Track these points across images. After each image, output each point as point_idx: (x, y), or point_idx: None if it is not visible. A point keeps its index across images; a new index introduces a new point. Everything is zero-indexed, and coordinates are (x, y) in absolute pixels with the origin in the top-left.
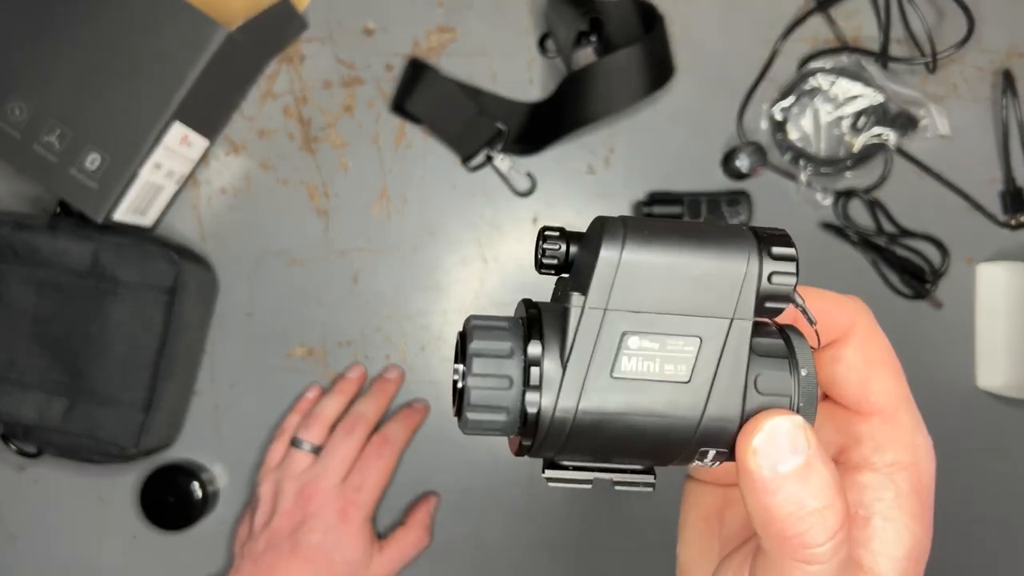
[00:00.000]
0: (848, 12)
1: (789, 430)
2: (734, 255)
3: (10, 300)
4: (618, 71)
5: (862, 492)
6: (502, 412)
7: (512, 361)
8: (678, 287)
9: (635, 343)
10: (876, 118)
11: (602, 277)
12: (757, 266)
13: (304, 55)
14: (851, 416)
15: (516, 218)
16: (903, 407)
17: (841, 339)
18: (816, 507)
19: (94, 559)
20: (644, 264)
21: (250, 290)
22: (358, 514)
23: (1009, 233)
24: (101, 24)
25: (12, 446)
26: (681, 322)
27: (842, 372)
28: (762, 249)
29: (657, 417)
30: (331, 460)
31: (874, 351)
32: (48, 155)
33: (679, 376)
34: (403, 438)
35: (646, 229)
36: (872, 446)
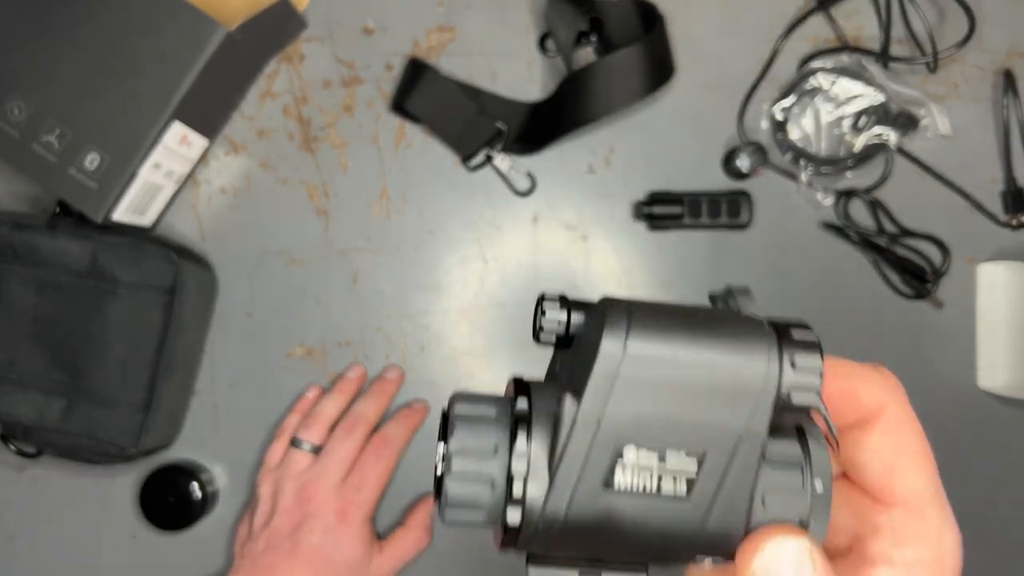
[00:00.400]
0: (849, 11)
1: (794, 555)
2: (750, 361)
3: (10, 300)
4: (618, 71)
5: None
6: (482, 512)
7: (495, 462)
8: (684, 394)
9: (631, 457)
10: (877, 118)
11: (599, 381)
12: (776, 377)
13: (304, 55)
14: (871, 504)
15: (516, 218)
16: (932, 500)
17: (868, 420)
18: None
19: (94, 559)
20: (648, 366)
21: (250, 290)
22: (358, 514)
23: (1010, 233)
24: (100, 24)
25: (11, 446)
26: (685, 434)
27: (866, 458)
28: (783, 355)
29: (651, 534)
30: (331, 460)
31: (903, 438)
32: (47, 155)
33: (678, 492)
34: (403, 438)
35: (653, 322)
36: (892, 540)
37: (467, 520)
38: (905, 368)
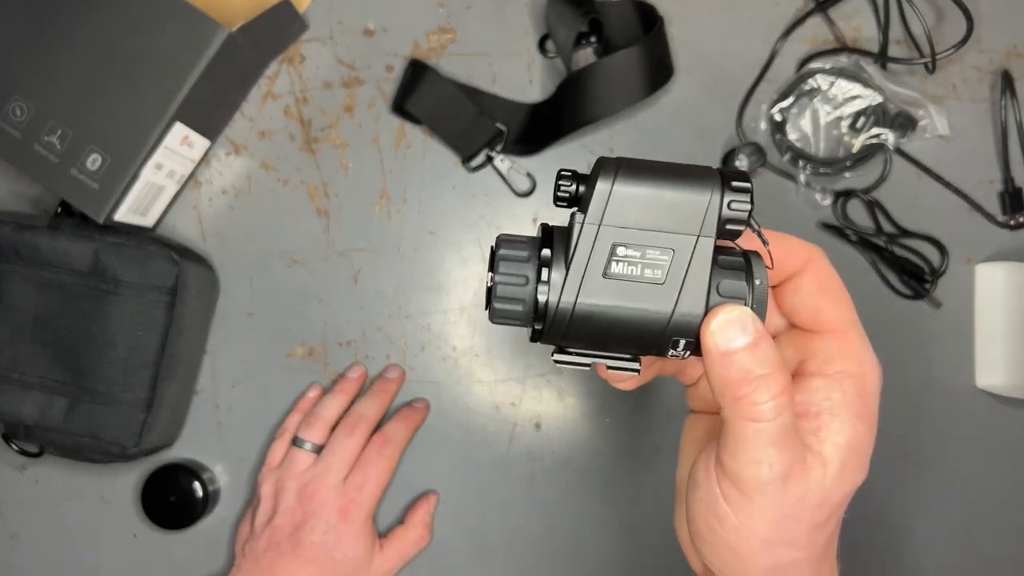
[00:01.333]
0: (847, 13)
1: (740, 317)
2: (701, 187)
3: (12, 300)
4: (618, 72)
5: (814, 394)
6: (520, 303)
7: (529, 264)
8: (657, 210)
9: (622, 251)
10: (875, 118)
11: (598, 201)
12: (719, 196)
13: (305, 56)
14: (808, 336)
15: (516, 218)
16: (851, 328)
17: (799, 272)
18: (761, 374)
19: (95, 558)
20: (630, 192)
21: (251, 290)
22: (359, 513)
23: (1008, 233)
24: (102, 25)
25: (13, 446)
26: (658, 237)
27: (800, 298)
28: (724, 183)
29: (638, 310)
30: (332, 459)
31: (826, 281)
32: (49, 155)
33: (656, 279)
34: (404, 437)
35: (634, 166)
36: (824, 358)
37: (509, 311)
38: (904, 368)
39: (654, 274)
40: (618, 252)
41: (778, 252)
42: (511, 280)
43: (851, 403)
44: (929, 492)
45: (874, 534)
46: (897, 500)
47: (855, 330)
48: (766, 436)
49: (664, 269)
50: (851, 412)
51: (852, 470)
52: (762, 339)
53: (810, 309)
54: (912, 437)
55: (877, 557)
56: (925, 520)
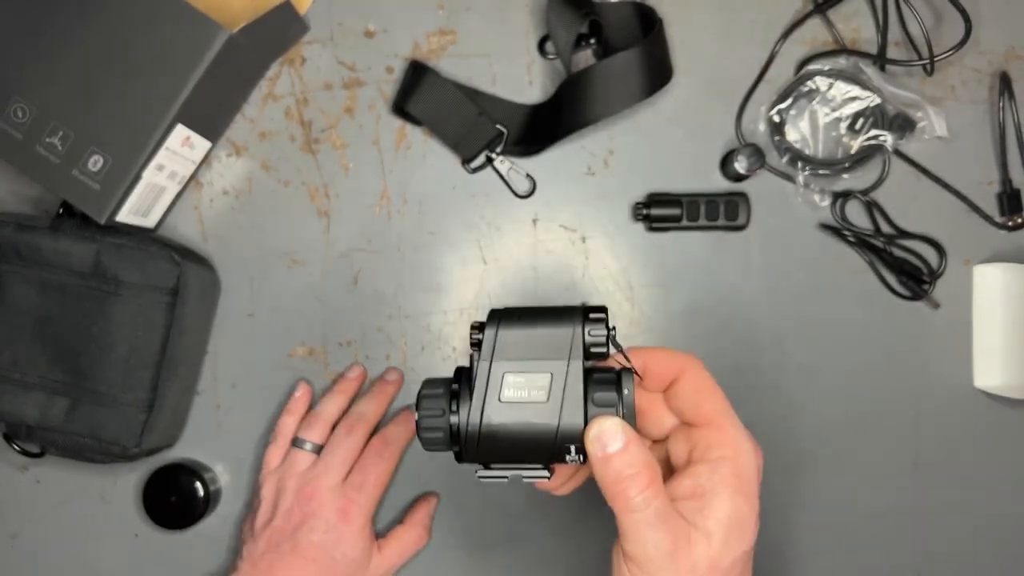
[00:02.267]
0: (846, 14)
1: (612, 425)
2: (566, 321)
3: (13, 301)
4: (617, 73)
5: (698, 477)
6: (439, 431)
7: (442, 399)
8: (534, 344)
9: (511, 378)
10: (874, 120)
11: (488, 342)
12: (581, 327)
13: (305, 57)
14: (692, 430)
15: (516, 219)
16: (725, 418)
17: (679, 377)
18: (630, 473)
19: (96, 558)
20: (512, 333)
21: (252, 291)
22: (359, 513)
23: (1006, 234)
24: (103, 26)
25: (15, 446)
26: (538, 364)
27: (681, 400)
28: (584, 316)
29: (530, 424)
30: (332, 459)
31: (700, 383)
32: (51, 156)
33: (540, 398)
34: (403, 439)
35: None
36: (705, 446)
37: (433, 439)
38: (902, 368)
39: (538, 395)
40: (507, 379)
41: (657, 364)
42: (430, 414)
43: (729, 482)
44: (927, 492)
45: (873, 534)
46: (896, 500)
47: (729, 420)
48: (644, 522)
49: (546, 390)
50: (730, 489)
51: (735, 539)
52: (631, 443)
53: (690, 407)
54: (910, 437)
55: (876, 556)
56: (924, 520)
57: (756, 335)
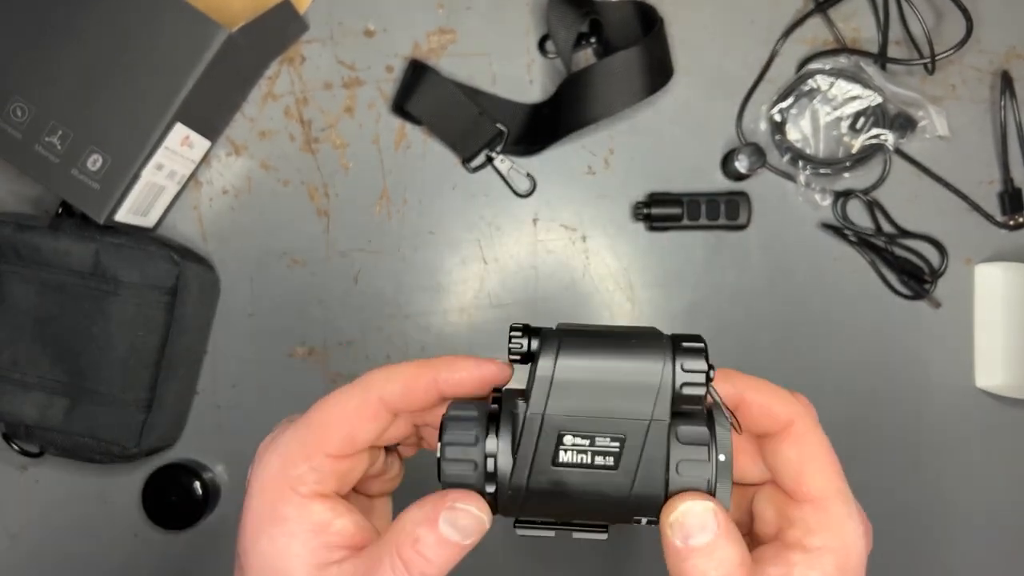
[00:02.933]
0: (847, 13)
1: (701, 512)
2: (650, 366)
3: (12, 300)
4: (618, 72)
5: (791, 568)
6: (470, 487)
7: (476, 448)
8: (603, 395)
9: (569, 440)
10: (875, 119)
11: (539, 388)
12: (671, 376)
13: (305, 56)
14: (788, 501)
15: (516, 219)
16: (835, 498)
17: (781, 433)
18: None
19: (96, 558)
20: (574, 375)
21: (251, 290)
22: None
23: (1007, 234)
24: (102, 25)
25: (14, 446)
26: (607, 423)
27: (781, 463)
28: (675, 359)
29: (593, 495)
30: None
31: (809, 448)
32: (50, 156)
33: (608, 464)
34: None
35: (577, 343)
36: (804, 529)
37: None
38: (903, 368)
39: (605, 461)
40: (565, 441)
41: (755, 409)
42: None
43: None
44: (928, 492)
45: (873, 534)
46: (896, 500)
47: (840, 499)
48: None
49: (616, 456)
50: None
51: None
52: (722, 537)
53: (791, 477)
54: (911, 437)
55: (877, 556)
56: (924, 520)
57: (757, 335)
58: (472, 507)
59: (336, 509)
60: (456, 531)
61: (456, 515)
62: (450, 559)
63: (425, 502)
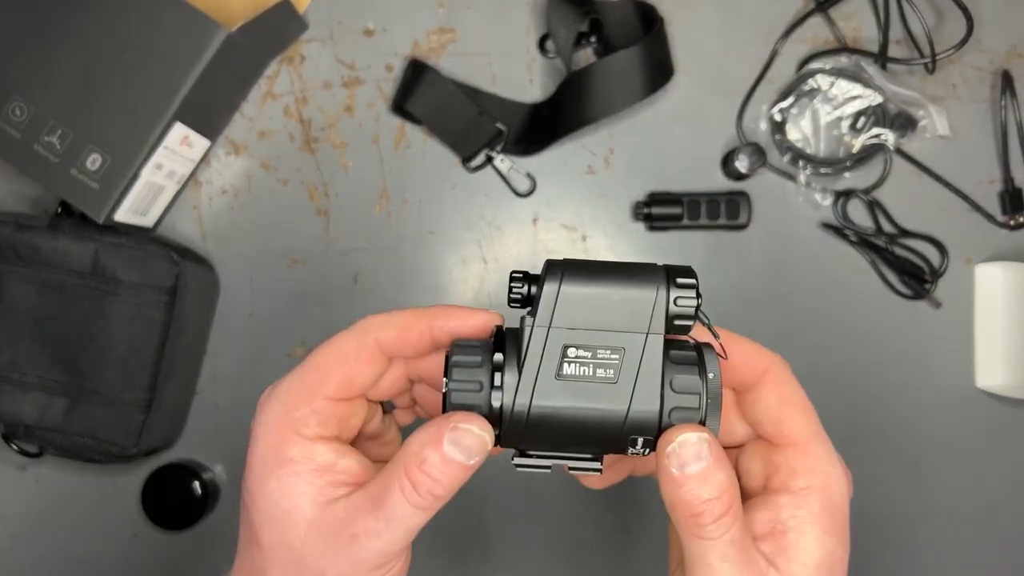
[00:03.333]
0: (847, 13)
1: (695, 442)
2: (647, 284)
3: (11, 300)
4: (618, 72)
5: (779, 511)
6: (475, 409)
7: (482, 369)
8: (604, 310)
9: (573, 352)
10: (875, 119)
11: (546, 304)
12: (665, 293)
13: (304, 56)
14: (772, 448)
15: (516, 218)
16: (814, 440)
17: (759, 383)
18: (708, 497)
19: (95, 558)
20: (577, 293)
21: (251, 290)
22: None
23: (1008, 233)
24: (102, 24)
25: (13, 446)
26: (608, 336)
27: (761, 410)
28: (669, 279)
29: (593, 410)
30: None
31: (786, 393)
32: (49, 155)
33: (609, 378)
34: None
35: (580, 268)
36: (787, 472)
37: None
38: (903, 368)
39: (606, 373)
40: (569, 353)
41: (736, 359)
42: (465, 387)
43: (818, 519)
44: (929, 492)
45: (873, 534)
46: (896, 500)
47: (818, 441)
48: (717, 552)
49: (616, 368)
50: (819, 528)
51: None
52: (714, 464)
53: (772, 421)
54: (911, 437)
55: (876, 557)
56: (924, 520)
57: (757, 334)
58: (474, 427)
59: (340, 450)
60: (460, 450)
61: (459, 435)
62: (456, 478)
63: (430, 425)
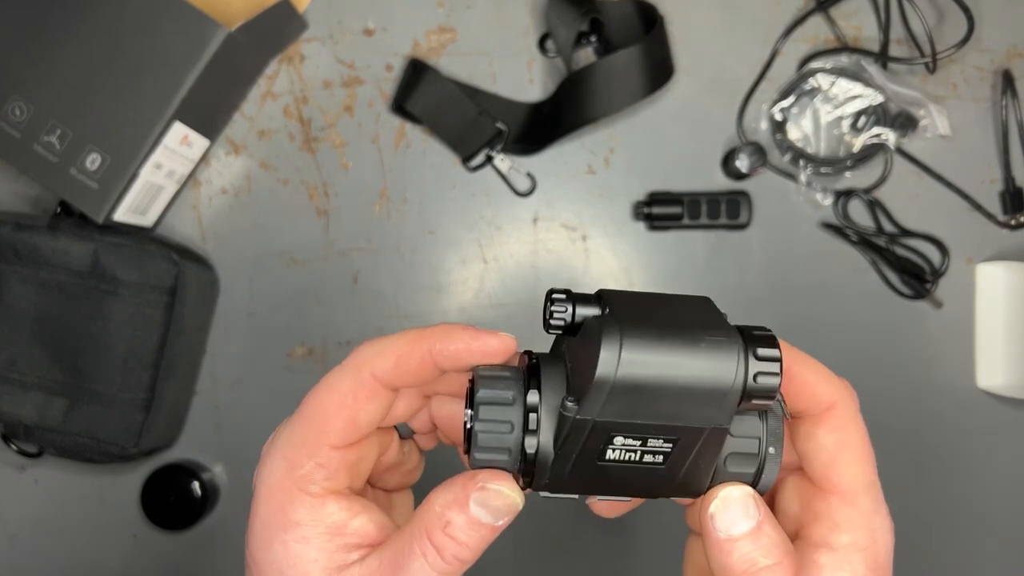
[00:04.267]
0: (848, 12)
1: (741, 499)
2: (722, 369)
3: (11, 300)
4: (618, 71)
5: (819, 571)
6: (505, 452)
7: (514, 408)
8: (665, 397)
9: (619, 441)
10: (876, 118)
11: (596, 393)
12: (742, 383)
13: (304, 55)
14: (815, 492)
15: (516, 218)
16: (865, 491)
17: (819, 417)
18: (766, 564)
19: (95, 559)
20: (636, 381)
21: (251, 290)
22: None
23: (1009, 233)
24: (101, 24)
25: (13, 446)
26: (663, 427)
27: (813, 448)
28: (748, 364)
29: (633, 485)
30: None
31: (847, 436)
32: (48, 155)
33: (656, 463)
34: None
35: (640, 336)
36: (830, 526)
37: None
38: (904, 368)
39: (654, 459)
40: (615, 442)
41: (799, 387)
42: (494, 428)
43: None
44: (929, 492)
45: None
46: (897, 500)
47: (870, 493)
48: None
49: (666, 454)
50: None
51: None
52: (765, 523)
53: (823, 464)
54: (913, 437)
55: None
56: (925, 520)
57: None
58: (504, 487)
59: (352, 508)
60: (488, 512)
61: (487, 496)
62: (483, 541)
63: (454, 483)
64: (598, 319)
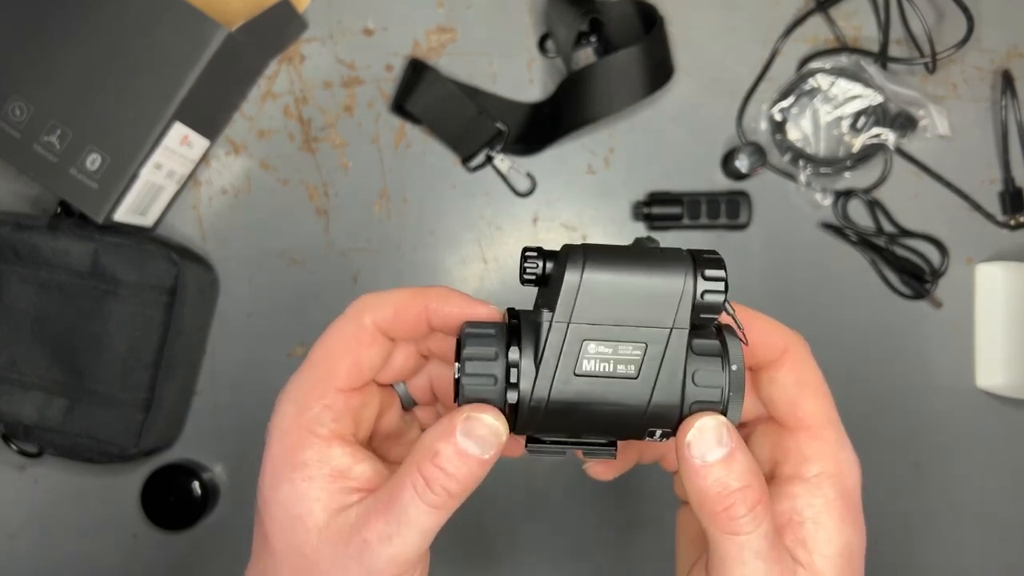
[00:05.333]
0: (847, 12)
1: (715, 427)
2: (673, 276)
3: (11, 300)
4: (618, 71)
5: (794, 500)
6: (491, 380)
7: (497, 363)
8: (627, 304)
9: (592, 348)
10: (876, 118)
11: (566, 298)
12: (692, 285)
13: (304, 55)
14: (783, 432)
15: (516, 218)
16: (828, 425)
17: (777, 362)
18: (737, 487)
19: (94, 559)
20: (599, 286)
21: (251, 290)
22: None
23: (1008, 233)
24: (101, 24)
25: (13, 446)
26: (630, 331)
27: (776, 391)
28: (696, 271)
29: (611, 406)
30: None
31: (804, 375)
32: (48, 155)
33: (629, 373)
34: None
35: (602, 256)
36: (799, 459)
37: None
38: (904, 368)
39: (627, 369)
40: (589, 349)
41: (755, 337)
42: (479, 381)
43: (834, 507)
44: (929, 492)
45: (873, 534)
46: (897, 500)
47: (832, 427)
48: (751, 549)
49: (637, 364)
50: (836, 517)
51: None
52: (737, 450)
53: (786, 403)
54: (912, 437)
55: (876, 557)
56: (925, 521)
57: None
58: (488, 416)
59: (356, 455)
60: (473, 442)
61: (472, 425)
62: (471, 474)
63: (442, 419)
64: (565, 247)
